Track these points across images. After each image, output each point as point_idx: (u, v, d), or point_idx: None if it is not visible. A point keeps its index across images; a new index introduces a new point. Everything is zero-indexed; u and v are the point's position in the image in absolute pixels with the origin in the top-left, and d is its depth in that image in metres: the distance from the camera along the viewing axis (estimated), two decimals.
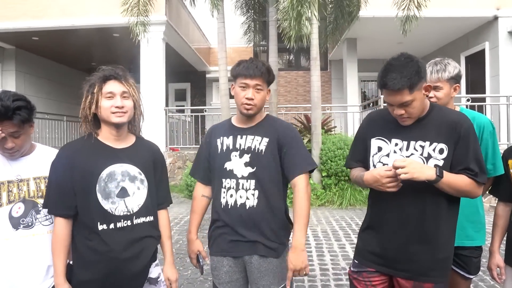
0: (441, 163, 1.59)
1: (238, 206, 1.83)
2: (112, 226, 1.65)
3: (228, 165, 1.87)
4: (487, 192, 2.10)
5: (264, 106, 1.96)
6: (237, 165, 1.85)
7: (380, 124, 1.76)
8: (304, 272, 1.76)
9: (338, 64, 12.55)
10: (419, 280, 1.64)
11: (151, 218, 1.78)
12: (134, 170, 1.73)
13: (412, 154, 1.64)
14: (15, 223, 1.64)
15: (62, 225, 1.65)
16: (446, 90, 2.03)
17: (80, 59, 12.00)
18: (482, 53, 9.14)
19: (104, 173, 1.66)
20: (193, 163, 2.07)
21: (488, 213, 6.37)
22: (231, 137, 1.91)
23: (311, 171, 1.88)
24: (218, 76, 7.97)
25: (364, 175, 1.68)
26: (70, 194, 1.63)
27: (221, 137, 1.94)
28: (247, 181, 1.82)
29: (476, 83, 9.48)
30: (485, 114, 8.07)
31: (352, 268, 1.83)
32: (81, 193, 1.64)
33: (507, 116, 7.79)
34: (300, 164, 1.84)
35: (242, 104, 1.85)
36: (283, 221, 1.89)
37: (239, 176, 1.84)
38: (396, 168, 1.52)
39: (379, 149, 1.72)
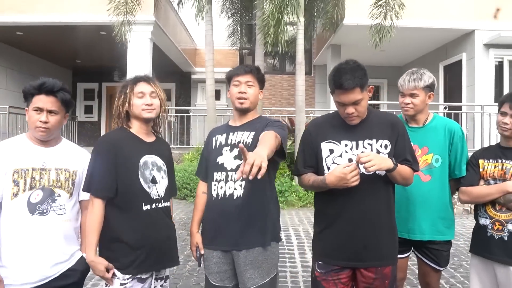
0: (386, 157, 1.81)
1: (226, 197, 1.94)
2: (153, 206, 1.90)
3: (220, 159, 2.00)
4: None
5: None
6: (227, 158, 1.98)
7: (327, 129, 1.93)
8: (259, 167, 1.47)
9: (323, 69, 12.81)
10: (382, 265, 1.82)
11: (169, 204, 2.01)
12: (160, 161, 1.99)
13: (362, 151, 1.82)
14: (32, 208, 1.75)
15: (101, 206, 1.83)
16: (422, 97, 2.21)
17: (65, 56, 11.86)
18: (459, 63, 9.51)
19: (141, 161, 1.90)
20: (198, 164, 2.26)
21: (461, 216, 6.67)
22: (224, 135, 2.06)
23: (282, 156, 1.92)
24: (203, 77, 8.07)
25: (326, 178, 1.77)
26: (112, 178, 1.83)
27: (217, 135, 2.09)
28: (235, 173, 1.93)
29: (453, 91, 9.86)
30: (461, 122, 8.43)
31: (318, 270, 1.91)
32: (125, 177, 1.85)
33: (481, 124, 8.16)
34: (274, 129, 1.88)
35: (236, 99, 2.02)
36: (271, 210, 2.00)
37: (228, 168, 1.96)
38: (363, 162, 1.68)
39: (331, 151, 1.88)
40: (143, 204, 1.87)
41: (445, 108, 8.41)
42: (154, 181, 1.93)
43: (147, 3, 8.22)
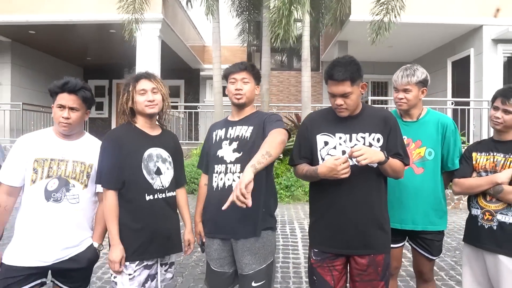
0: (379, 150, 1.89)
1: (226, 188, 2.04)
2: (156, 196, 2.03)
3: (219, 153, 2.11)
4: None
5: (256, 104, 2.21)
6: (227, 151, 2.09)
7: (323, 122, 2.03)
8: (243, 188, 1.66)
9: None
10: (374, 253, 1.91)
11: (174, 193, 2.13)
12: (165, 153, 2.11)
13: (355, 144, 1.92)
14: (48, 195, 1.92)
15: (113, 197, 1.98)
16: (415, 92, 2.29)
17: (76, 54, 12.10)
18: (467, 59, 9.47)
19: (145, 154, 2.03)
20: (199, 157, 2.37)
21: (467, 210, 6.68)
22: (224, 129, 2.17)
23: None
24: (212, 74, 8.18)
25: (318, 169, 1.85)
26: (119, 171, 1.97)
27: (216, 130, 2.21)
28: (234, 165, 2.05)
29: (461, 87, 9.82)
30: (468, 117, 8.42)
31: (314, 258, 2.01)
32: (129, 170, 1.98)
33: (488, 120, 8.11)
34: (277, 126, 1.99)
35: (233, 95, 2.14)
36: (268, 200, 2.09)
37: (228, 161, 2.07)
38: (356, 156, 1.76)
39: (326, 143, 1.98)
40: (146, 194, 2.00)
41: (452, 104, 8.39)
42: (158, 172, 2.05)
43: (155, 1, 8.36)
